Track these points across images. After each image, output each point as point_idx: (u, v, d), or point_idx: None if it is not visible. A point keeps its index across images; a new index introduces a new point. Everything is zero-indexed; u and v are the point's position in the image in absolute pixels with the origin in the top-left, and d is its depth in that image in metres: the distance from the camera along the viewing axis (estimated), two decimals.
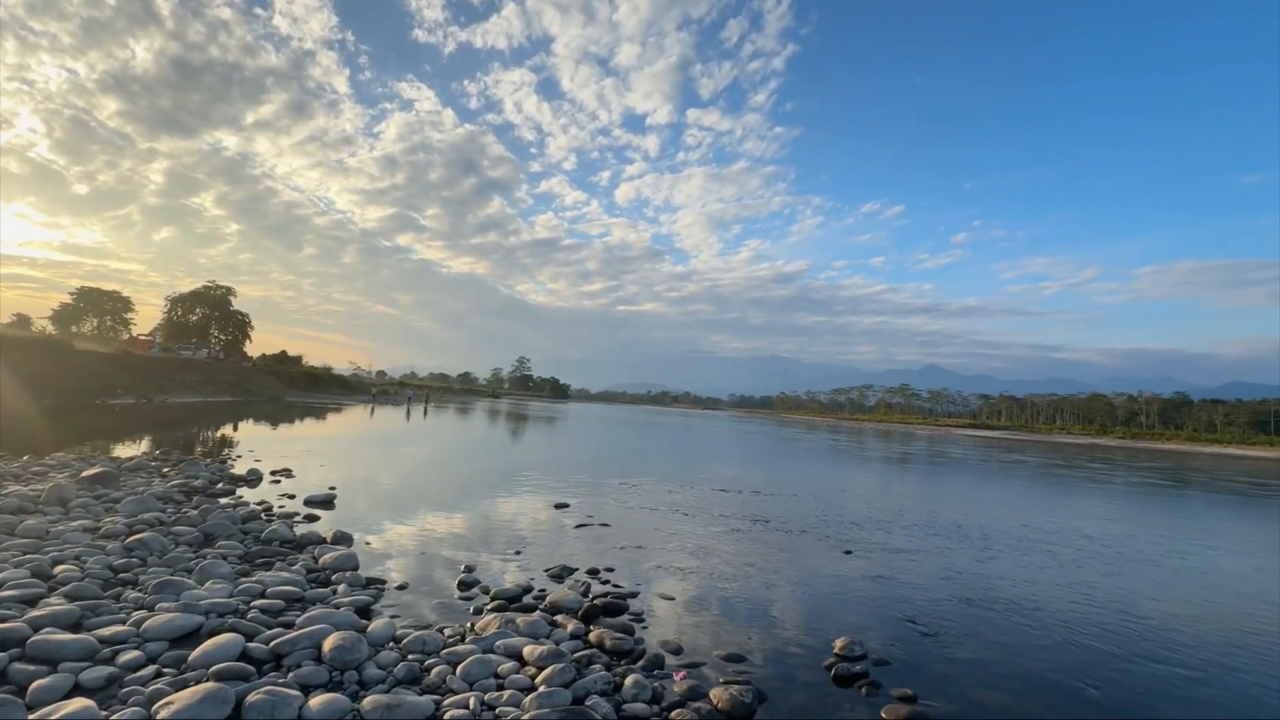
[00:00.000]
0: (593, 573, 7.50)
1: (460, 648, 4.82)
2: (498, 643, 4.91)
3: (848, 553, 9.47)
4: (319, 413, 38.25)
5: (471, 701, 4.02)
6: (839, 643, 5.53)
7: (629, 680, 4.45)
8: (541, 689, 4.17)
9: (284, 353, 76.12)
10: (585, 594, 6.53)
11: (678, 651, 5.31)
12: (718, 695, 4.42)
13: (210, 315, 70.56)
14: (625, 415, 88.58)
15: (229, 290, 73.03)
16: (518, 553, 8.22)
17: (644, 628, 5.83)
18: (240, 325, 73.39)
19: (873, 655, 5.45)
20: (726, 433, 53.53)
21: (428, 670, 4.46)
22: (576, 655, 4.83)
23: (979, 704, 4.72)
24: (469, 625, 5.45)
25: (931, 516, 13.42)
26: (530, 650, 4.74)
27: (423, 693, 4.17)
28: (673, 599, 6.76)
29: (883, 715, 4.42)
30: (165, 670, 4.15)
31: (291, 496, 10.67)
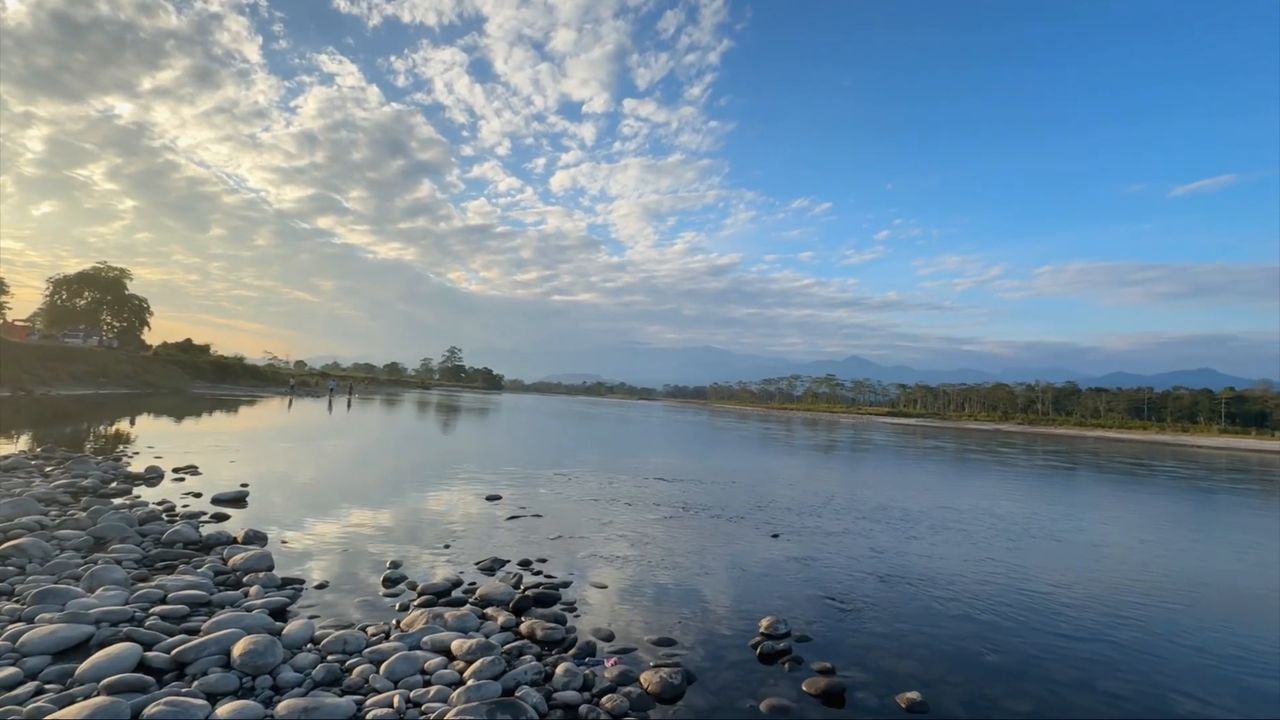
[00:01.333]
0: (525, 564, 7.43)
1: (384, 645, 4.67)
2: (424, 638, 4.79)
3: (775, 536, 9.83)
4: (230, 405, 35.78)
5: (396, 700, 3.90)
6: (764, 622, 5.75)
7: (560, 669, 4.46)
8: (470, 683, 4.11)
9: (189, 341, 70.38)
10: (517, 586, 6.46)
11: (609, 638, 5.37)
12: (648, 679, 4.50)
13: (101, 300, 64.26)
14: (560, 406, 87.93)
15: (123, 272, 66.74)
16: (447, 546, 8.03)
17: (576, 616, 5.84)
18: (137, 311, 67.31)
19: (796, 633, 5.71)
20: (661, 423, 54.19)
21: (349, 670, 4.30)
22: (507, 647, 4.79)
23: (890, 672, 5.04)
24: (394, 622, 5.28)
25: (856, 500, 14.13)
26: (459, 644, 4.65)
27: (344, 694, 4.02)
28: (605, 587, 6.81)
29: (804, 688, 4.64)
30: (47, 687, 3.79)
31: (197, 495, 9.95)
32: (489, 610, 5.64)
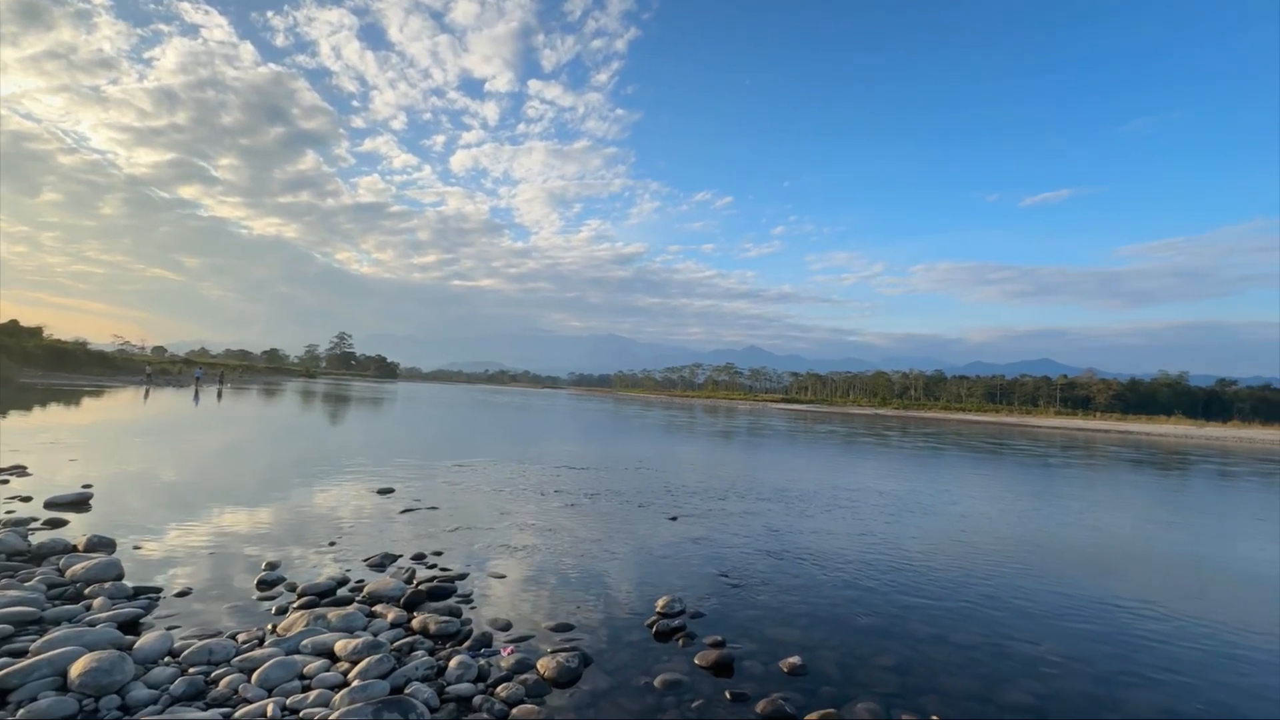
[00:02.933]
0: (418, 558, 7.16)
1: (258, 652, 4.33)
2: (304, 641, 4.49)
3: (674, 519, 10.13)
4: (70, 397, 31.29)
5: (270, 708, 3.64)
6: (660, 602, 5.94)
7: (454, 662, 4.36)
8: (355, 683, 3.91)
9: (14, 323, 60.49)
10: (409, 580, 6.22)
11: (507, 628, 5.31)
12: (545, 664, 4.51)
13: None
14: (460, 395, 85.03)
15: None
16: (332, 544, 7.56)
17: (472, 608, 5.73)
18: None
19: (691, 610, 5.94)
20: (565, 411, 53.92)
21: (215, 682, 3.95)
22: (397, 644, 4.60)
23: (775, 640, 5.39)
24: (270, 627, 4.91)
25: (754, 483, 14.85)
26: (343, 645, 4.41)
27: (208, 707, 3.69)
28: (504, 577, 6.72)
29: (695, 661, 4.85)
30: None
31: (27, 499, 8.65)
32: (378, 607, 5.39)
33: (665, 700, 4.26)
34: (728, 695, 4.35)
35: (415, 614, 5.30)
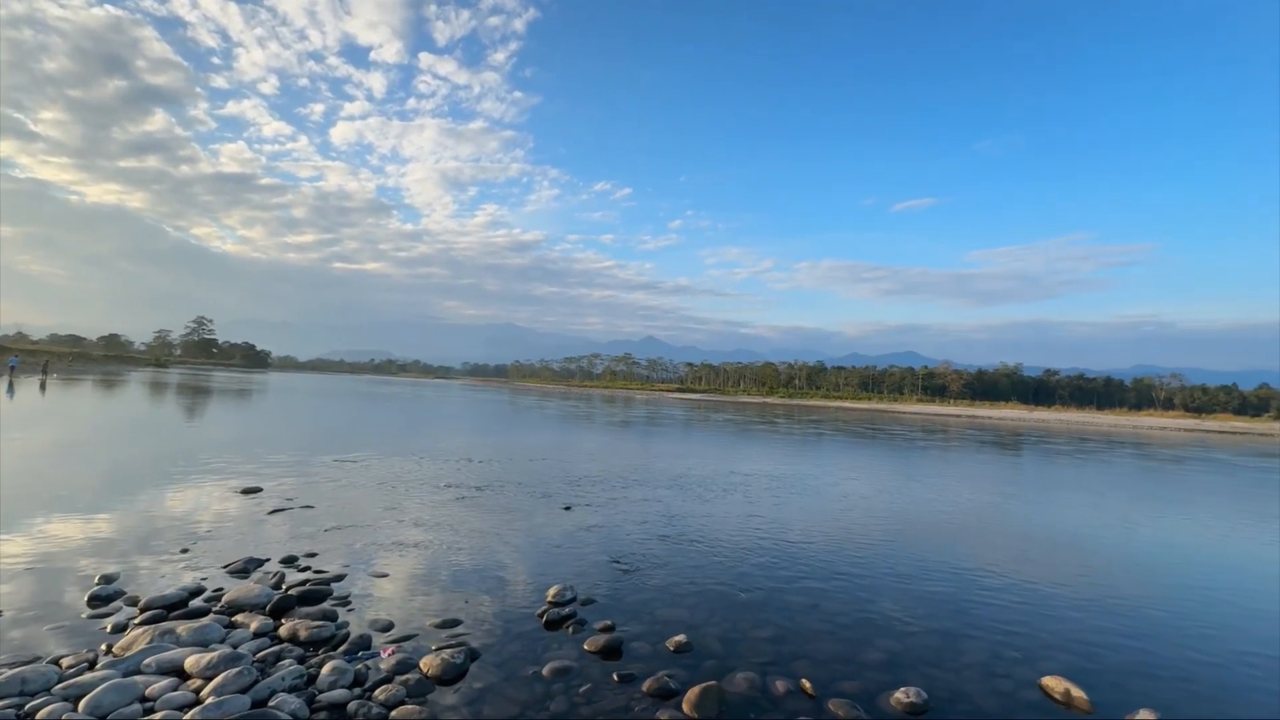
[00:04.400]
0: (289, 561, 6.64)
1: (87, 676, 3.83)
2: (147, 660, 4.03)
3: (568, 508, 10.14)
4: None
5: None
6: (551, 591, 5.94)
7: (326, 668, 4.10)
8: (209, 700, 3.57)
9: None
10: (277, 586, 5.75)
11: (388, 628, 5.07)
12: (428, 662, 4.36)
13: None
14: (342, 386, 79.39)
15: None
16: (185, 551, 6.81)
17: (351, 610, 5.41)
18: None
19: (582, 597, 5.99)
20: (459, 402, 52.05)
21: (30, 715, 3.44)
22: (260, 655, 4.26)
23: (663, 621, 5.57)
24: (104, 647, 4.36)
25: (651, 471, 15.16)
26: (195, 660, 4.01)
27: None
28: (386, 575, 6.40)
29: (585, 647, 4.91)
30: None
31: None
32: (239, 617, 4.94)
33: (553, 688, 4.28)
34: (615, 677, 4.45)
35: (284, 621, 4.92)
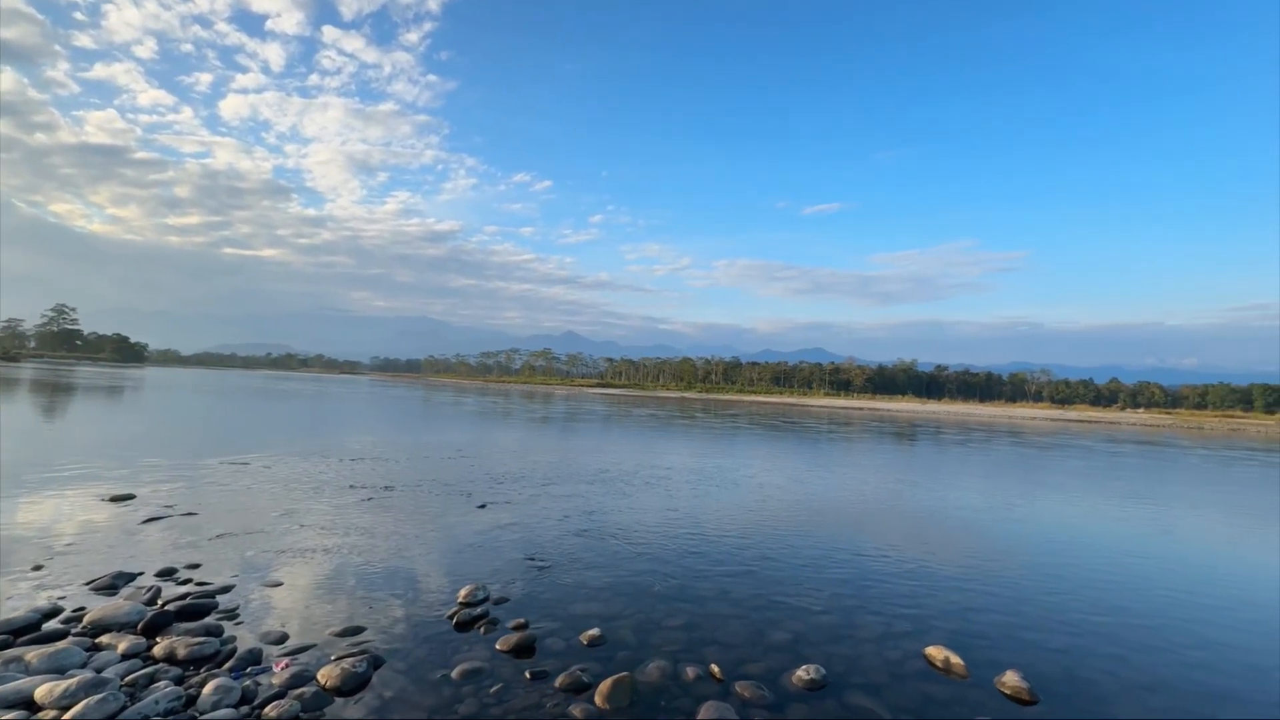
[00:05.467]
0: (166, 573, 6.06)
1: None
2: None
3: (482, 507, 9.90)
4: None
5: None
6: (463, 592, 5.79)
7: (209, 687, 3.79)
8: None
9: None
10: (152, 601, 5.24)
11: (281, 640, 4.75)
12: (327, 673, 4.13)
13: None
14: (233, 382, 73.33)
15: None
16: (38, 568, 6.06)
17: (239, 624, 5.02)
18: None
19: (495, 596, 5.88)
20: (367, 398, 49.45)
21: None
22: (130, 678, 3.86)
23: (577, 615, 5.58)
24: None
25: (574, 466, 15.07)
26: (48, 689, 3.58)
27: None
28: (281, 584, 5.98)
29: (497, 646, 4.82)
30: None
31: None
32: (105, 638, 4.46)
33: (463, 690, 4.18)
34: (528, 675, 4.41)
35: (159, 640, 4.49)
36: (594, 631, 5.11)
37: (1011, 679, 4.58)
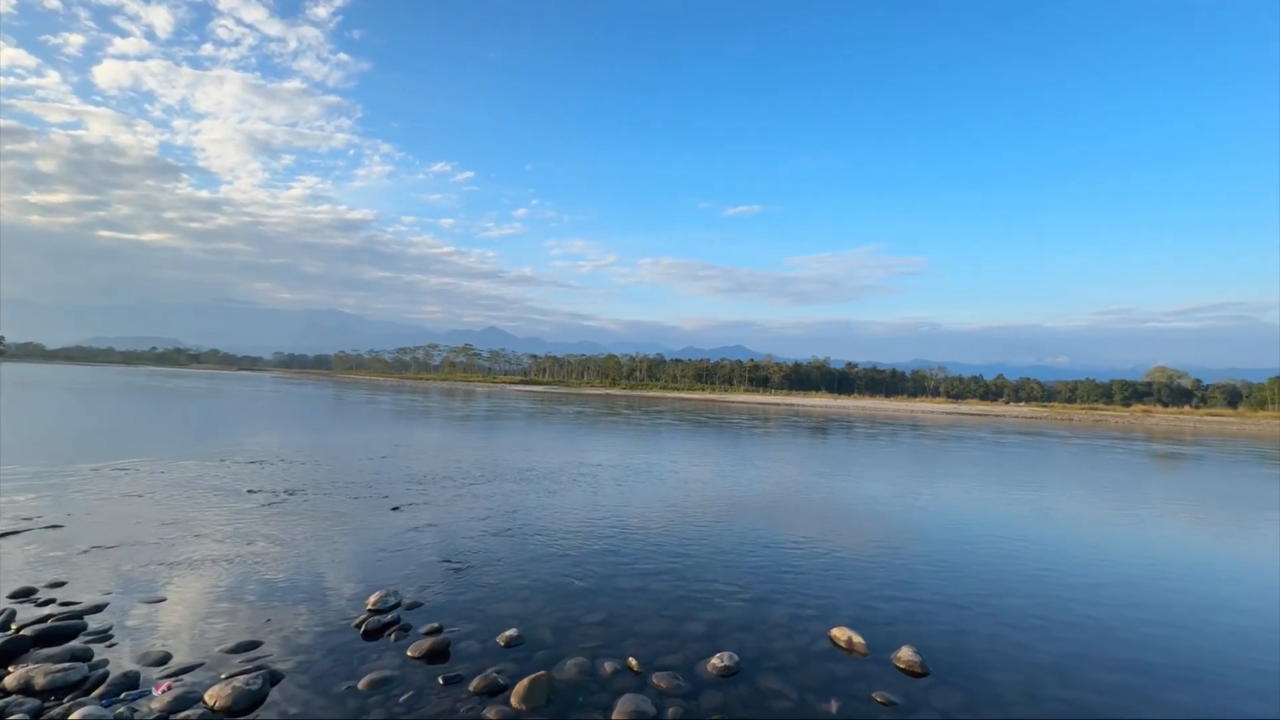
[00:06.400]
0: (24, 594, 5.40)
1: None
2: None
3: (396, 509, 9.50)
4: None
5: None
6: (372, 598, 5.53)
7: (74, 717, 3.42)
8: None
9: None
10: (4, 627, 4.65)
11: (163, 661, 4.36)
12: (216, 693, 3.83)
13: None
14: (112, 380, 66.33)
15: None
16: None
17: (112, 646, 4.56)
18: None
19: (407, 601, 5.66)
20: (270, 397, 46.17)
21: None
22: None
23: (494, 616, 5.47)
24: None
25: (498, 465, 14.73)
26: None
27: None
28: (164, 600, 5.49)
29: (409, 653, 4.65)
30: None
31: None
32: None
33: (370, 701, 4.00)
34: (441, 680, 4.28)
35: (11, 669, 4.00)
36: (512, 632, 5.03)
37: (906, 654, 4.93)
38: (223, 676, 4.11)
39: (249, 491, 10.27)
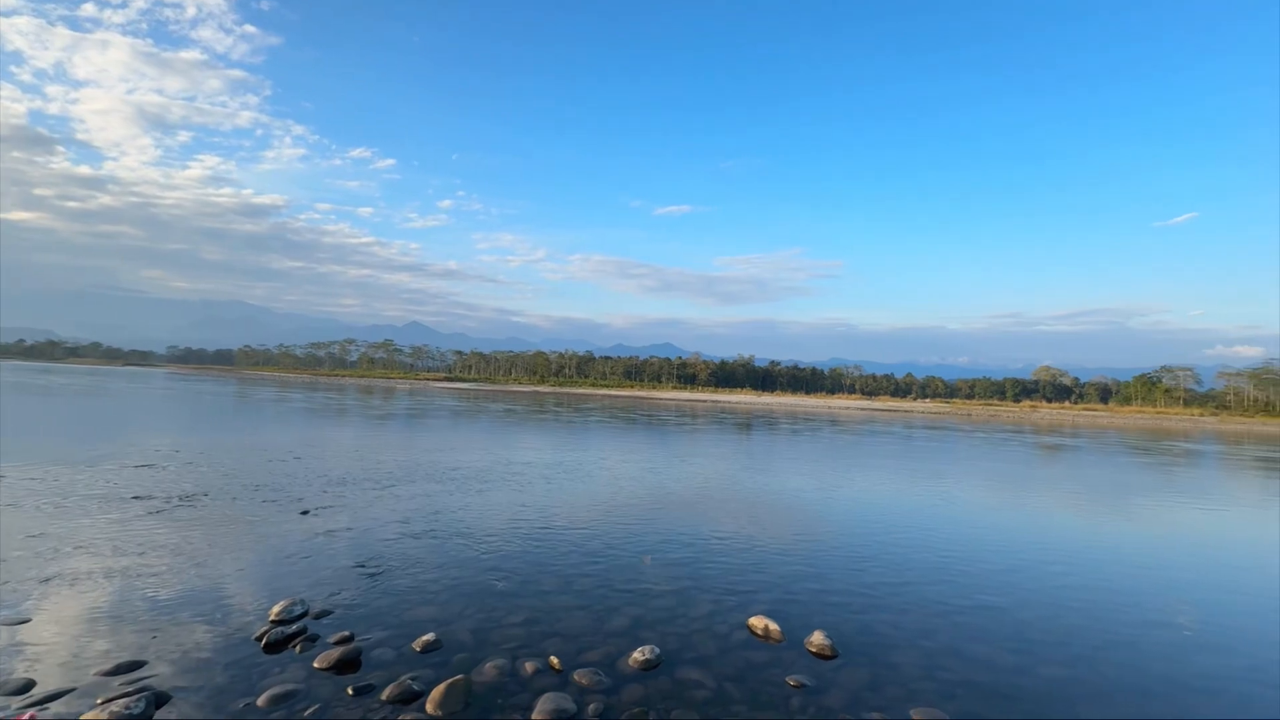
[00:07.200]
0: None
1: None
2: None
3: (305, 513, 8.98)
4: None
5: None
6: (276, 609, 5.20)
7: None
8: None
9: None
10: None
11: (26, 689, 3.92)
12: None
13: None
14: None
15: None
16: None
17: None
18: None
19: (314, 611, 5.36)
20: (161, 396, 42.39)
21: None
22: None
23: (411, 621, 5.28)
24: None
25: (422, 465, 14.18)
26: None
27: None
28: (28, 621, 4.93)
29: (315, 664, 4.41)
30: None
31: None
32: None
33: (271, 717, 3.76)
34: (350, 691, 4.09)
35: None
36: (429, 637, 4.87)
37: (818, 639, 5.17)
38: (99, 702, 3.74)
39: (134, 498, 9.40)
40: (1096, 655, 5.39)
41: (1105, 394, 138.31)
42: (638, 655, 4.74)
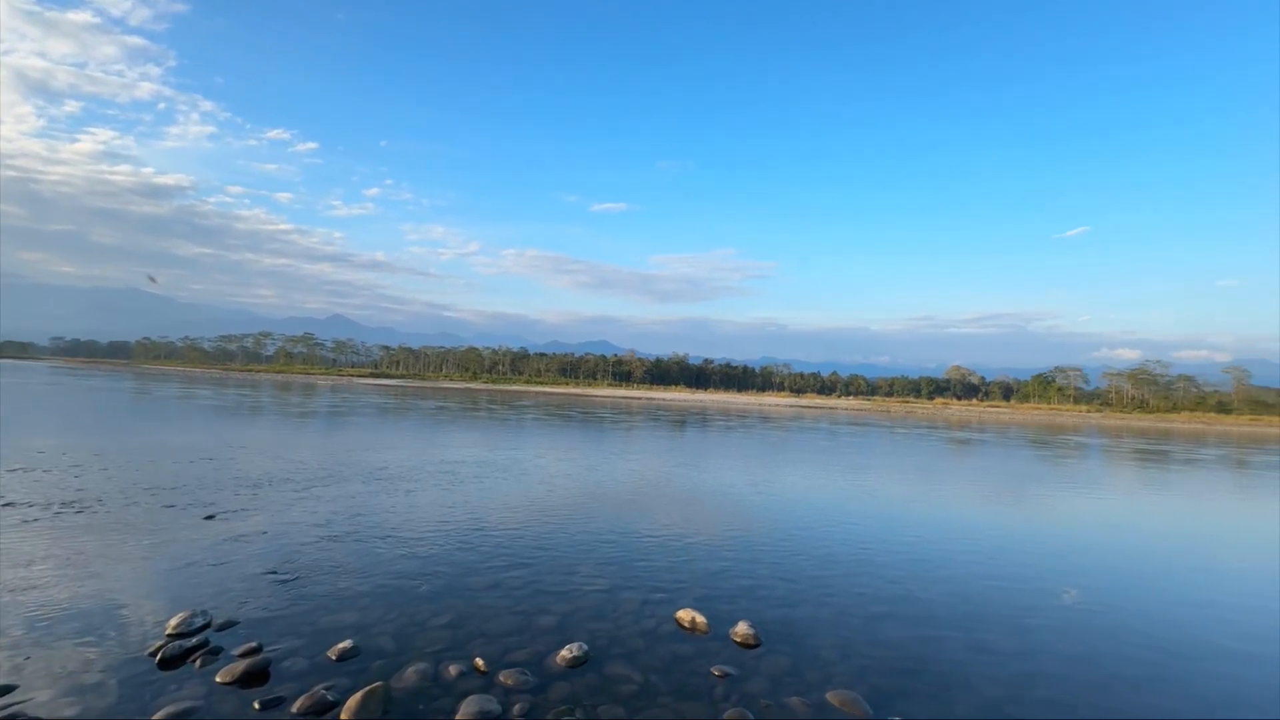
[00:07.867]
0: None
1: None
2: None
3: (209, 518, 8.37)
4: None
5: None
6: (173, 621, 4.83)
7: None
8: None
9: None
10: None
11: None
12: None
13: None
14: None
15: None
16: None
17: None
18: None
19: (217, 622, 5.02)
20: (42, 391, 38.38)
21: None
22: None
23: (325, 629, 5.03)
24: None
25: (343, 466, 13.47)
26: None
27: None
28: None
29: (218, 679, 4.13)
30: None
31: None
32: None
33: None
34: (257, 705, 3.85)
35: None
36: (346, 644, 4.67)
37: (742, 629, 5.33)
38: None
39: (4, 505, 8.48)
40: (992, 630, 5.83)
41: (1008, 392, 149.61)
42: (565, 653, 4.73)
